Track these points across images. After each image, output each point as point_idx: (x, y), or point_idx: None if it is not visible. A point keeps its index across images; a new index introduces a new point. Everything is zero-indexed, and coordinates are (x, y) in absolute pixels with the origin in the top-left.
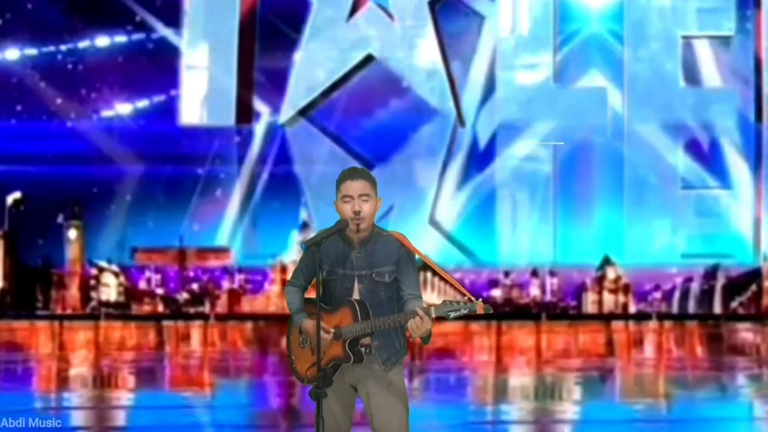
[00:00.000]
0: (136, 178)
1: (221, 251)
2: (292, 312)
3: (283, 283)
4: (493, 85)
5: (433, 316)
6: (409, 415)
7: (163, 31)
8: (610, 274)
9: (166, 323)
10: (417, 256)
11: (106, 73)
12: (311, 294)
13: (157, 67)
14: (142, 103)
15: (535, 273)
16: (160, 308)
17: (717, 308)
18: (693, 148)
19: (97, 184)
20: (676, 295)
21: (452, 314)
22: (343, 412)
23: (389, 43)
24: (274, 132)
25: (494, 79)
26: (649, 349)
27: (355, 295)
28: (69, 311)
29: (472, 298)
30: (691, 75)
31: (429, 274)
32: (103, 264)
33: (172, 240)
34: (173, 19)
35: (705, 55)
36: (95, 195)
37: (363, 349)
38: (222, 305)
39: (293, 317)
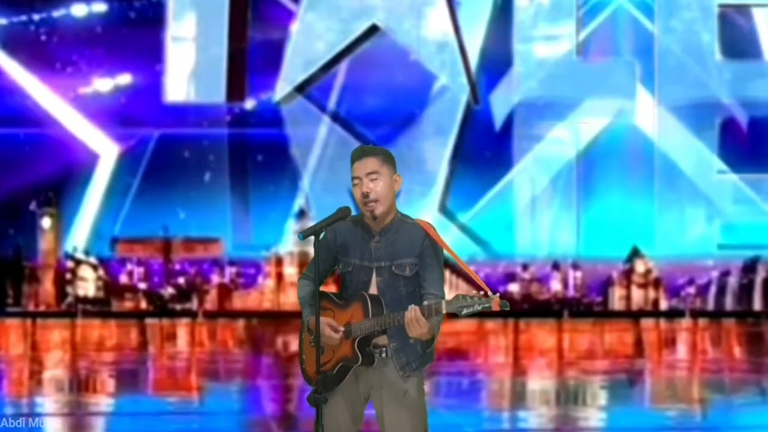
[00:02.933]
0: (116, 161)
1: (210, 242)
2: (302, 306)
3: (279, 277)
4: (510, 59)
5: (444, 312)
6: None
7: None
8: (639, 267)
9: (149, 321)
10: (443, 250)
11: (83, 46)
12: (330, 288)
13: (140, 39)
14: (124, 79)
15: (556, 266)
16: (143, 305)
17: (757, 305)
18: (730, 128)
19: (74, 168)
20: (712, 290)
21: (464, 311)
22: (351, 422)
23: (395, 12)
24: (268, 110)
25: (511, 52)
26: (681, 350)
27: (372, 289)
28: (42, 308)
29: (489, 293)
30: (743, 47)
31: (447, 272)
32: (81, 256)
33: (156, 229)
34: None
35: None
36: (71, 180)
37: (377, 351)
38: (211, 301)
39: (303, 312)
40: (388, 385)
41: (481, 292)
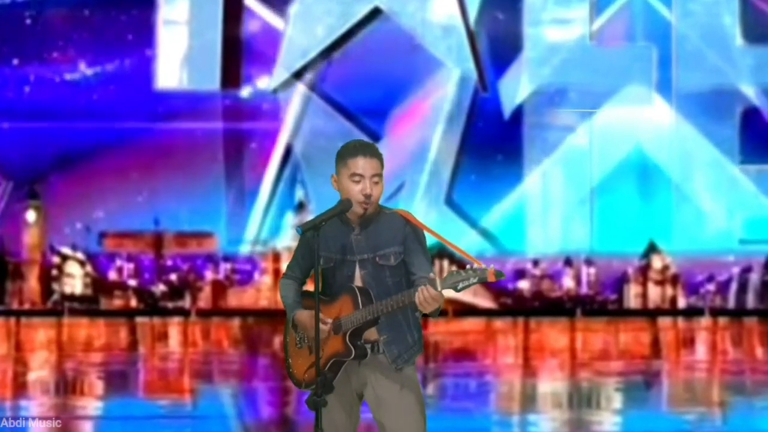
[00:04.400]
0: (105, 151)
1: (204, 236)
2: (286, 306)
3: (276, 273)
4: (520, 43)
5: (440, 289)
6: (426, 422)
7: None
8: (656, 263)
9: (140, 320)
10: (425, 234)
11: (70, 29)
12: (310, 287)
13: (130, 23)
14: (112, 65)
15: (568, 262)
16: (133, 303)
17: None
18: (752, 116)
19: (60, 159)
20: (733, 287)
21: (461, 284)
22: (348, 422)
23: None
24: (264, 98)
25: (521, 36)
26: (701, 350)
27: (357, 283)
28: (27, 306)
29: (482, 264)
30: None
31: (446, 263)
32: (67, 251)
33: (146, 223)
34: None
35: None
36: (57, 171)
37: (368, 346)
38: (205, 299)
39: (287, 311)
40: (382, 379)
41: (474, 266)
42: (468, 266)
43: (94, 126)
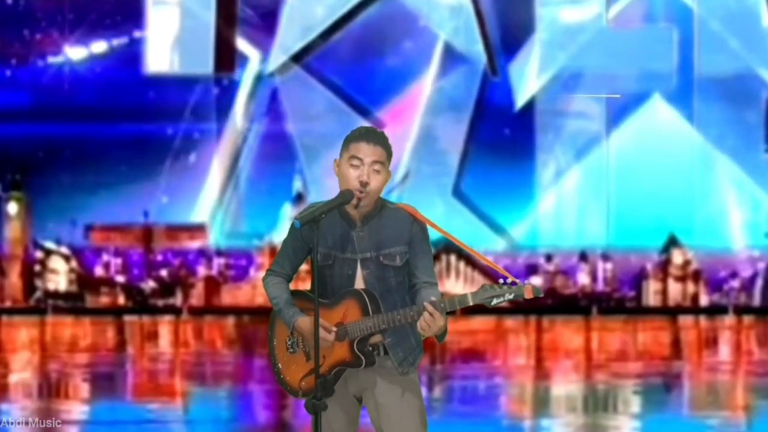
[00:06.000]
0: (91, 139)
1: (196, 229)
2: (278, 308)
3: None
4: (533, 24)
5: (471, 304)
6: (427, 430)
7: None
8: (677, 258)
9: (128, 318)
10: (430, 234)
11: (54, 10)
12: (296, 286)
13: (118, 2)
14: (100, 47)
15: (583, 257)
16: (121, 300)
17: None
18: None
19: (44, 147)
20: (758, 283)
21: (494, 300)
22: (346, 427)
23: None
24: (261, 82)
25: (533, 17)
26: (724, 351)
27: (359, 283)
28: (8, 303)
29: (516, 280)
30: None
31: (453, 258)
32: (51, 245)
33: (135, 215)
34: None
35: None
36: (41, 160)
37: (374, 350)
38: (197, 296)
39: (282, 314)
40: (385, 383)
41: (509, 280)
42: (501, 281)
43: (80, 112)
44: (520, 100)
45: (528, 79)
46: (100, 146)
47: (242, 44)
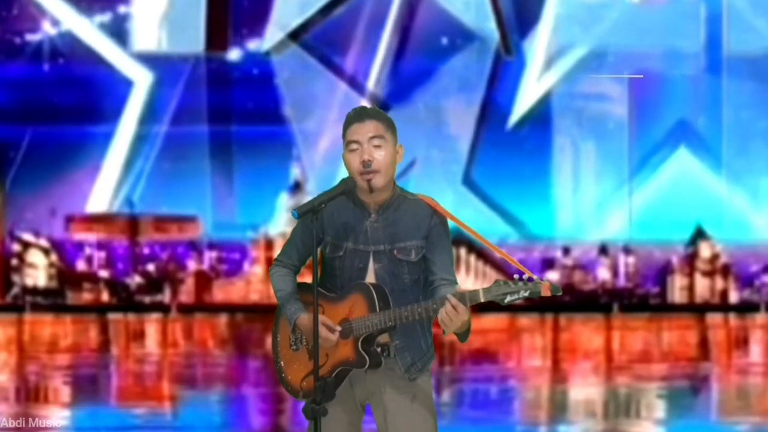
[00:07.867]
0: (71, 122)
1: (186, 220)
2: (281, 302)
3: (269, 262)
4: None
5: (482, 301)
6: None
7: None
8: (705, 251)
9: (112, 316)
10: (452, 229)
11: None
12: (306, 278)
13: None
14: (81, 24)
15: (604, 250)
16: (105, 297)
17: None
18: None
19: (21, 133)
20: None
21: (509, 297)
22: None
23: None
24: (256, 62)
25: None
26: (755, 351)
27: (370, 277)
28: None
29: (534, 276)
30: None
31: (463, 251)
32: (29, 237)
33: (119, 205)
34: None
35: None
36: (18, 147)
37: (382, 351)
38: (187, 293)
39: (283, 309)
40: (392, 389)
41: (525, 276)
42: (517, 276)
43: (61, 93)
44: (536, 81)
45: (544, 57)
46: (81, 130)
47: (234, 21)
